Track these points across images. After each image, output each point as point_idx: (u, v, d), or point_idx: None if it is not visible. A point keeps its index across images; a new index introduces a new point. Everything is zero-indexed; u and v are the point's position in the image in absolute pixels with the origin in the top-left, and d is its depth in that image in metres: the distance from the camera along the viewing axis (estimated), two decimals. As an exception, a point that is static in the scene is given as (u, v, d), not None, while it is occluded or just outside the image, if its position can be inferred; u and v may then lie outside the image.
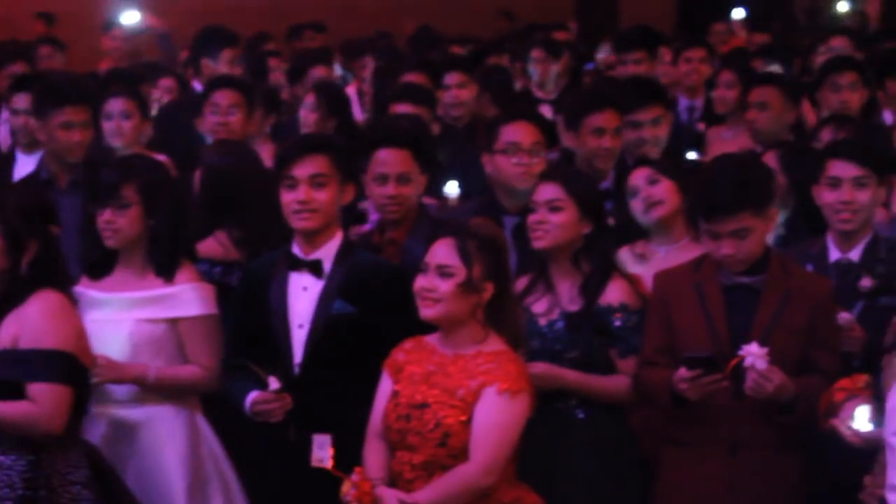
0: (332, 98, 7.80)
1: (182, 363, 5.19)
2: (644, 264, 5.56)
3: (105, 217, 5.13)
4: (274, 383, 4.84)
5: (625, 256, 5.64)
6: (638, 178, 5.67)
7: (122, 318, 5.15)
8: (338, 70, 10.97)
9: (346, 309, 4.97)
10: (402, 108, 7.21)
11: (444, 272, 4.58)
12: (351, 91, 9.69)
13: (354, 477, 4.51)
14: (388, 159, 5.55)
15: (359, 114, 9.26)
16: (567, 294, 5.15)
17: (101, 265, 5.25)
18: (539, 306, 5.15)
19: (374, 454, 4.68)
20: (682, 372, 4.76)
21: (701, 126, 8.70)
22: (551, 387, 4.97)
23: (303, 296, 5.03)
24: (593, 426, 5.13)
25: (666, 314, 4.99)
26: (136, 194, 5.13)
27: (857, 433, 4.41)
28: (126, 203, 5.12)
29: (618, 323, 5.08)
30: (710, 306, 4.92)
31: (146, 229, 5.16)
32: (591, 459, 5.10)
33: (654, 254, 5.63)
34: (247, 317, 5.10)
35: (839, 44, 10.19)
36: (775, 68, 9.20)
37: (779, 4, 14.91)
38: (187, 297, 5.17)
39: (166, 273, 5.17)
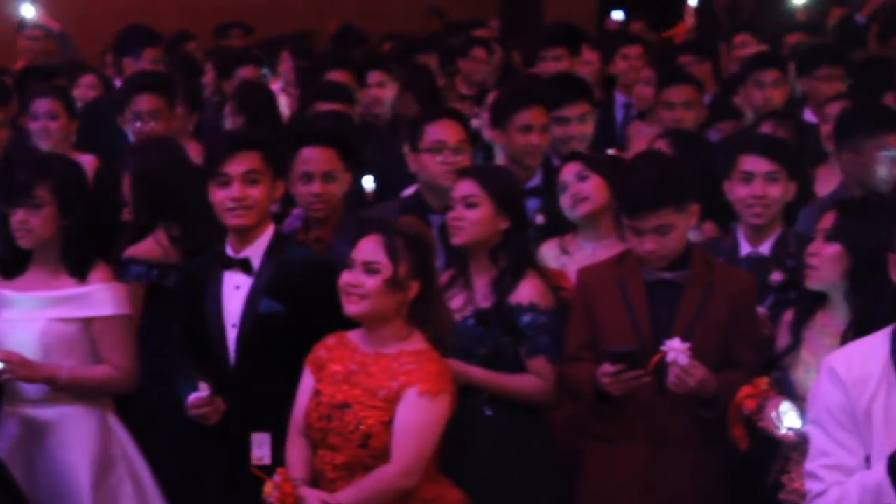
0: (253, 102, 7.72)
1: (95, 363, 5.16)
2: (569, 257, 5.57)
3: (18, 217, 5.09)
4: (203, 389, 4.83)
5: (552, 249, 5.67)
6: (568, 173, 5.69)
7: (35, 318, 5.13)
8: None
9: (273, 307, 4.96)
10: (324, 107, 7.19)
11: (370, 268, 4.57)
12: (275, 88, 9.64)
13: (276, 478, 4.49)
14: (312, 157, 5.56)
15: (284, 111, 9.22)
16: (482, 291, 5.16)
17: (14, 264, 5.22)
18: (455, 302, 5.14)
19: (296, 452, 4.67)
20: (606, 367, 4.77)
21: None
22: (459, 383, 4.93)
23: (235, 295, 5.02)
24: (501, 423, 5.13)
25: (589, 310, 5.01)
26: (49, 194, 5.10)
27: (792, 431, 4.48)
28: (39, 203, 5.09)
29: (526, 322, 5.08)
30: (632, 302, 4.94)
31: (60, 229, 5.14)
32: (498, 455, 5.11)
33: (580, 248, 5.64)
34: (188, 317, 5.09)
35: (743, 40, 10.32)
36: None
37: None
38: (100, 297, 5.15)
39: (79, 273, 5.16)
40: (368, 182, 6.64)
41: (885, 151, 5.83)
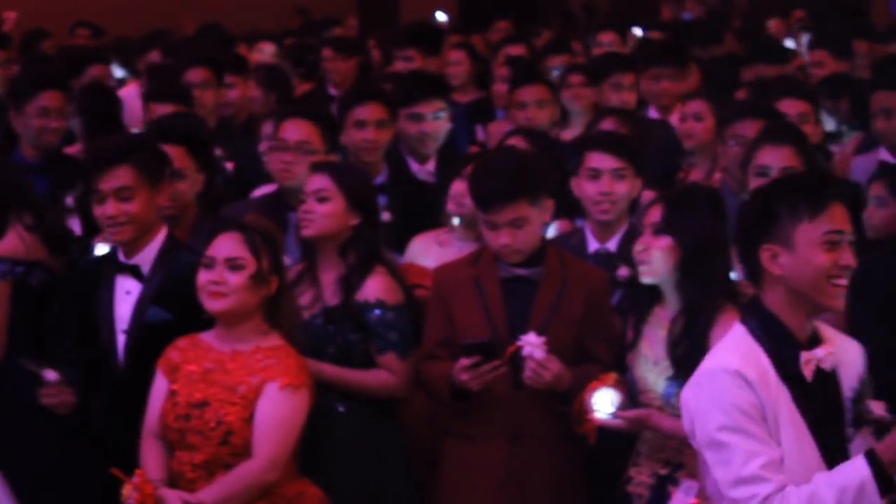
0: (92, 105, 7.61)
1: None
2: (442, 254, 5.58)
3: None
4: (50, 374, 4.81)
5: (425, 243, 5.69)
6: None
7: None
8: (118, 71, 10.80)
9: (161, 316, 4.95)
10: (160, 109, 7.14)
11: (234, 265, 4.58)
12: (132, 90, 9.54)
13: (136, 479, 4.45)
14: None
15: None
16: (330, 288, 5.16)
17: None
18: (303, 299, 5.14)
19: (151, 455, 4.65)
20: (462, 361, 4.81)
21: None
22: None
23: (126, 300, 5.01)
24: (355, 419, 5.14)
25: (446, 308, 5.01)
26: None
27: (618, 417, 4.55)
28: None
29: (374, 318, 5.10)
30: (488, 299, 4.96)
31: None
32: (353, 452, 5.12)
33: (453, 245, 5.65)
34: (75, 316, 5.06)
35: (607, 38, 10.46)
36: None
37: (556, 1, 15.21)
38: None
39: None
40: None
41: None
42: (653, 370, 4.62)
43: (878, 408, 3.73)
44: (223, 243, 4.61)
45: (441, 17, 12.30)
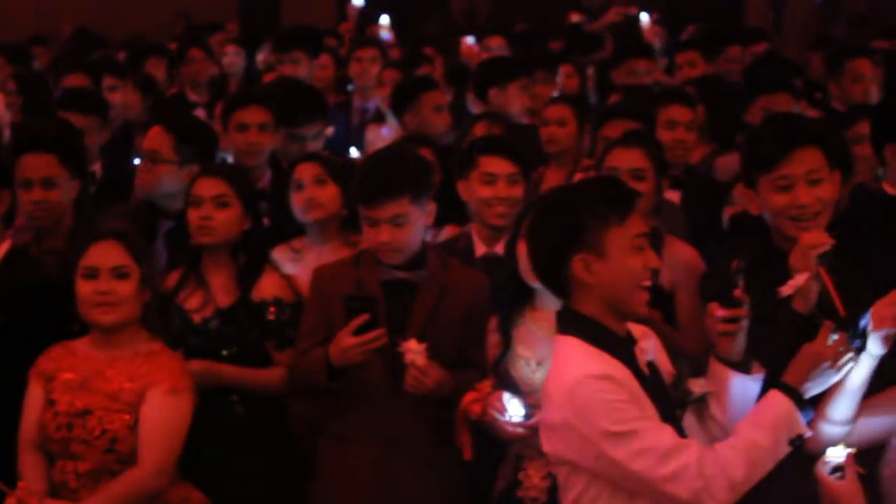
0: None
1: None
2: (300, 260, 5.60)
3: None
4: None
5: (283, 253, 5.68)
6: (305, 173, 5.70)
7: None
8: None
9: None
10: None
11: (120, 273, 4.56)
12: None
13: (19, 492, 4.38)
14: (31, 164, 5.46)
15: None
16: (221, 289, 5.15)
17: None
18: (192, 303, 5.14)
19: (31, 466, 4.60)
20: (347, 330, 4.74)
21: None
22: (211, 384, 4.95)
23: None
24: (254, 420, 5.14)
25: (325, 309, 4.98)
26: None
27: (518, 424, 4.56)
28: None
29: (272, 316, 5.11)
30: None
31: None
32: (252, 453, 5.12)
33: (310, 250, 5.66)
34: None
35: (496, 43, 10.54)
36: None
37: (437, 5, 15.27)
38: None
39: None
40: None
41: None
42: (537, 370, 4.63)
43: (697, 386, 3.87)
44: (104, 252, 4.58)
45: (385, 20, 12.20)
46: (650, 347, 3.88)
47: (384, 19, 11.65)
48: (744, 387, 3.87)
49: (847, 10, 13.89)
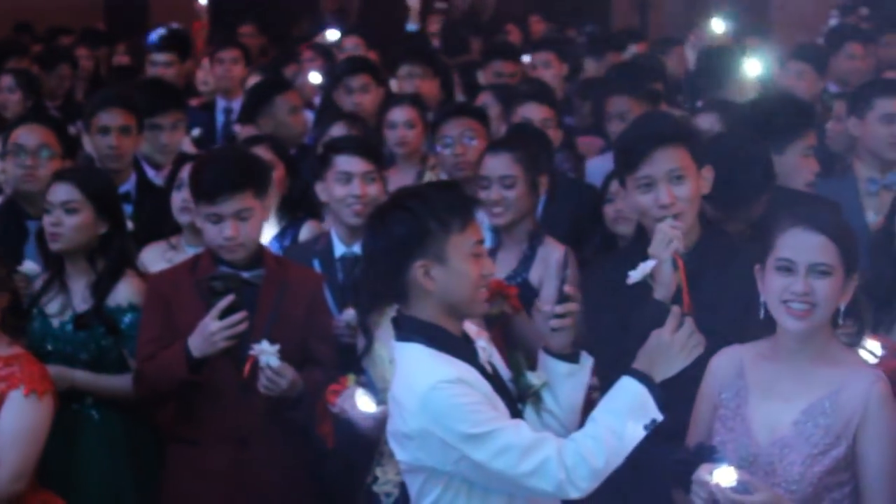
0: None
1: None
2: (176, 256, 5.59)
3: None
4: None
5: (156, 250, 5.68)
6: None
7: None
8: None
9: None
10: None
11: None
12: None
13: None
14: None
15: None
16: (80, 294, 5.14)
17: None
18: (52, 307, 5.13)
19: None
20: (212, 323, 4.72)
21: (237, 127, 8.83)
22: (63, 388, 4.92)
23: None
24: (109, 425, 5.13)
25: (167, 315, 4.94)
26: None
27: (366, 416, 4.63)
28: None
29: (127, 322, 5.09)
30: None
31: None
32: (107, 458, 5.10)
33: (184, 250, 5.65)
34: None
35: (352, 42, 10.58)
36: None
37: (308, 5, 15.25)
38: None
39: None
40: None
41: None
42: (389, 368, 4.65)
43: (537, 378, 3.94)
44: None
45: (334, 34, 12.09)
46: (488, 345, 3.93)
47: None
48: (574, 378, 3.96)
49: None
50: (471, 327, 3.93)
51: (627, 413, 3.75)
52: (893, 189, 6.05)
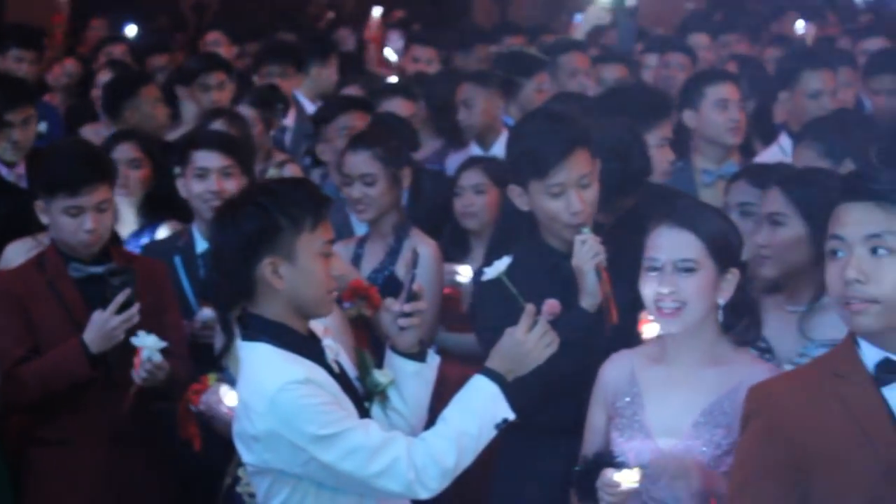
0: None
1: None
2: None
3: None
4: None
5: (21, 248, 5.53)
6: None
7: None
8: None
9: None
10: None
11: None
12: None
13: None
14: None
15: None
16: None
17: None
18: None
19: None
20: (112, 317, 4.69)
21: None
22: None
23: None
24: None
25: (24, 315, 4.84)
26: None
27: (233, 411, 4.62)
28: None
29: None
30: (68, 302, 4.87)
31: None
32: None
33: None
34: None
35: (212, 38, 10.53)
36: None
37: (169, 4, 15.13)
38: None
39: None
40: None
41: None
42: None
43: (384, 377, 3.91)
44: None
45: (132, 30, 11.81)
46: (334, 344, 3.88)
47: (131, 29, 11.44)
48: (421, 376, 3.93)
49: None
50: (317, 326, 3.89)
51: (479, 412, 3.75)
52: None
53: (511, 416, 3.78)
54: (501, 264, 4.03)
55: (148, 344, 4.70)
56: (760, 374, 3.75)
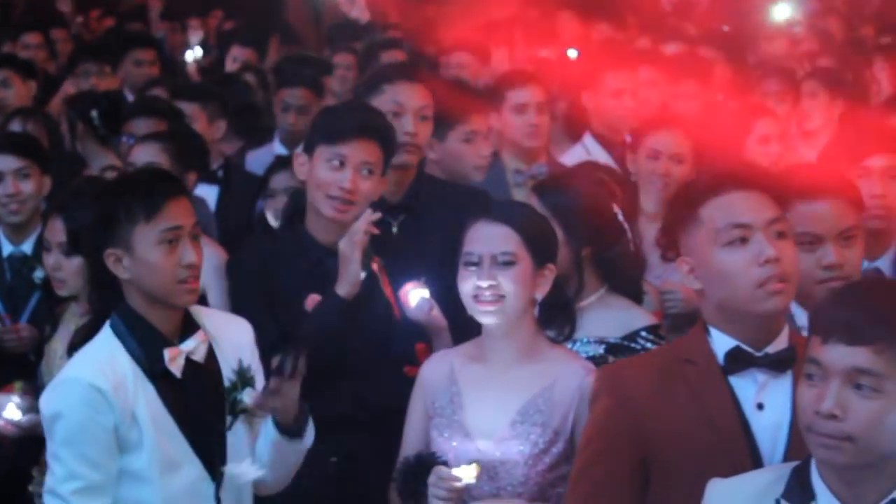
0: None
1: None
2: None
3: None
4: None
5: None
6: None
7: None
8: None
9: None
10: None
11: None
12: None
13: None
14: None
15: None
16: None
17: None
18: None
19: None
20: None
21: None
22: None
23: None
24: None
25: None
26: None
27: (10, 422, 4.60)
28: None
29: None
30: None
31: None
32: None
33: None
34: None
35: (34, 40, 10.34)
36: None
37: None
38: None
39: None
40: None
41: None
42: (59, 364, 4.54)
43: (249, 397, 3.76)
44: None
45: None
46: (197, 346, 3.76)
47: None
48: (290, 448, 3.85)
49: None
50: (209, 315, 3.86)
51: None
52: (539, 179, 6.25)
53: None
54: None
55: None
56: (576, 371, 3.85)
